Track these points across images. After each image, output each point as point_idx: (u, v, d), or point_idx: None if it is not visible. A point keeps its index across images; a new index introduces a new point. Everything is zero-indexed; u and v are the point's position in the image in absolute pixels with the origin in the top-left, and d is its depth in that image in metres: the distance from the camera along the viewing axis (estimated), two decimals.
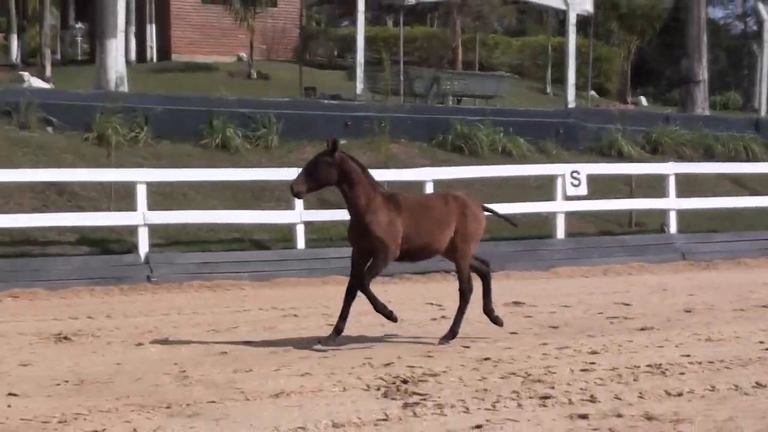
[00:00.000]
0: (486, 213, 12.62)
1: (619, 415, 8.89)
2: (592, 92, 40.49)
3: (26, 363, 11.00)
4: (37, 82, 29.25)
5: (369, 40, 35.43)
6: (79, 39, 50.99)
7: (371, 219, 11.57)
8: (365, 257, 11.80)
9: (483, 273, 12.49)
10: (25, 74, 30.79)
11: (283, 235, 19.84)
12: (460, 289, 12.27)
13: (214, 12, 41.88)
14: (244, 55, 40.47)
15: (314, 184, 11.69)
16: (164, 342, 12.34)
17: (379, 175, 20.64)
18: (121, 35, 27.19)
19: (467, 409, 9.06)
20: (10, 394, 9.57)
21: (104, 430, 8.39)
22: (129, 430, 8.42)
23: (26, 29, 46.54)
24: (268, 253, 19.36)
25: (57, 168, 19.54)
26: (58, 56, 44.42)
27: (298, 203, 19.16)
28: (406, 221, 11.71)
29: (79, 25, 51.68)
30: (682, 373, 10.59)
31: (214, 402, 9.26)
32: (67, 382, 10.14)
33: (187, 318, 14.21)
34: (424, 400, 9.33)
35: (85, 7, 49.86)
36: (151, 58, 42.91)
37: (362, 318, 12.94)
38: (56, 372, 10.54)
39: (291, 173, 19.39)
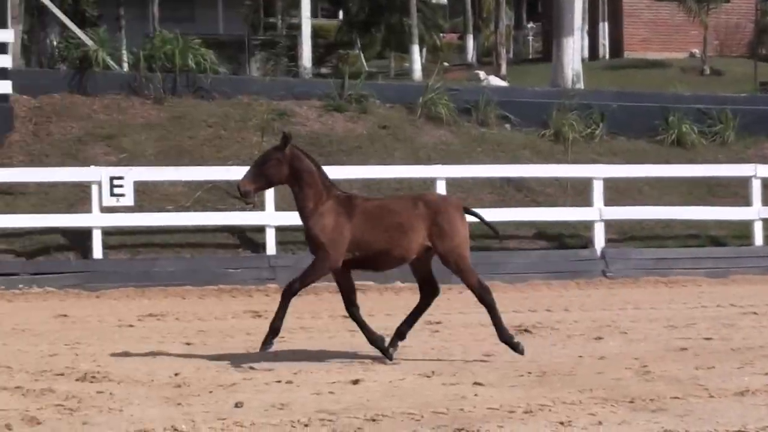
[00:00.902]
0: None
1: None
2: None
3: (489, 354, 11.28)
4: (494, 81, 30.03)
5: None
6: (530, 38, 52.00)
7: (315, 223, 10.62)
8: None
9: (428, 294, 11.18)
10: (481, 73, 31.72)
11: (740, 231, 19.43)
12: (477, 297, 10.93)
13: (666, 8, 41.53)
14: (696, 51, 39.90)
15: (263, 182, 10.79)
16: (623, 336, 12.42)
17: None
18: (577, 33, 27.58)
19: None
20: (475, 383, 9.83)
21: (570, 421, 8.44)
22: (594, 422, 8.44)
23: (481, 30, 47.87)
24: (725, 249, 19.11)
25: (514, 164, 20.02)
26: (511, 55, 45.48)
27: (755, 199, 18.79)
28: (358, 226, 10.66)
29: (531, 24, 52.69)
30: None
31: (677, 398, 9.16)
32: (529, 373, 10.32)
33: (644, 313, 14.20)
34: None
35: (536, 8, 50.83)
36: (603, 56, 43.06)
37: None
38: (518, 363, 10.72)
39: (748, 169, 19.09)
